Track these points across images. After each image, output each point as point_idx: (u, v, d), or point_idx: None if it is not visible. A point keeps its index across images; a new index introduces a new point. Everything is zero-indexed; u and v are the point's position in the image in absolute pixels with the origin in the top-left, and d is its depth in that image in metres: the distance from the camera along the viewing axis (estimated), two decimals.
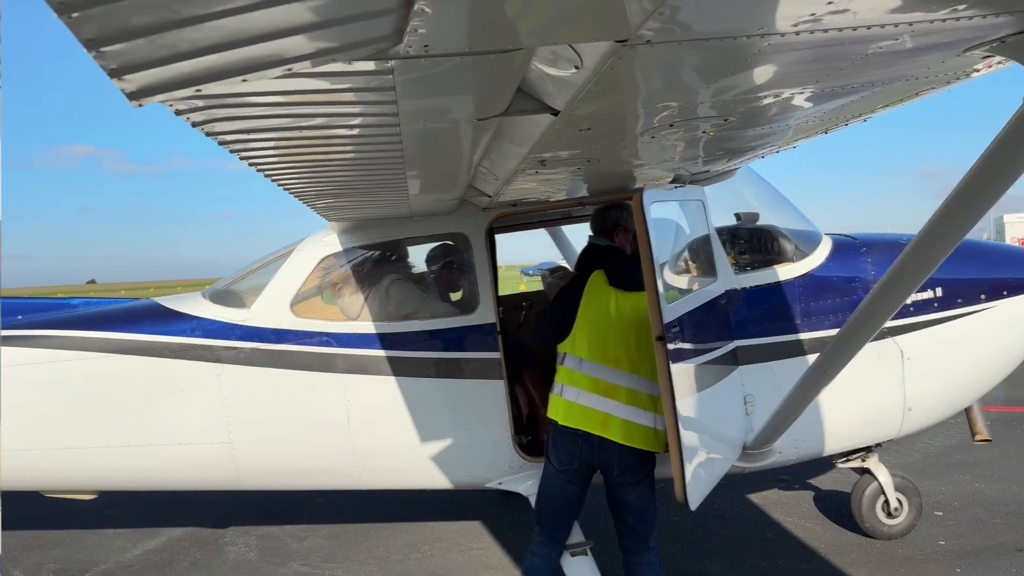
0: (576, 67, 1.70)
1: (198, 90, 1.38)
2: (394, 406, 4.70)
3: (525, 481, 4.76)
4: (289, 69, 1.39)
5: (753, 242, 5.17)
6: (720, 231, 5.04)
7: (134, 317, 5.00)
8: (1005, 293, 5.11)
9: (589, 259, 4.24)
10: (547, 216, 5.84)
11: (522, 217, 5.28)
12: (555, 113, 2.06)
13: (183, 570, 5.96)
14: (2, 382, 4.73)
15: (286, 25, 1.26)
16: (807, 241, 5.05)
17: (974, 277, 5.10)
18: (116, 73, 1.21)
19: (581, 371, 3.92)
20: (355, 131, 2.13)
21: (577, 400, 3.92)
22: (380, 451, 4.78)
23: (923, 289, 5.00)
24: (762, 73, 1.89)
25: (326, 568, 5.87)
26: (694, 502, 3.60)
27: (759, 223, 5.22)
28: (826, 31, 1.53)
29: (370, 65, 1.50)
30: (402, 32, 1.32)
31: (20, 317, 5.23)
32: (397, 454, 4.77)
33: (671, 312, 3.51)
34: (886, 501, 5.57)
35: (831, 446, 5.04)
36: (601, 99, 1.97)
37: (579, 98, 1.89)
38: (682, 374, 3.59)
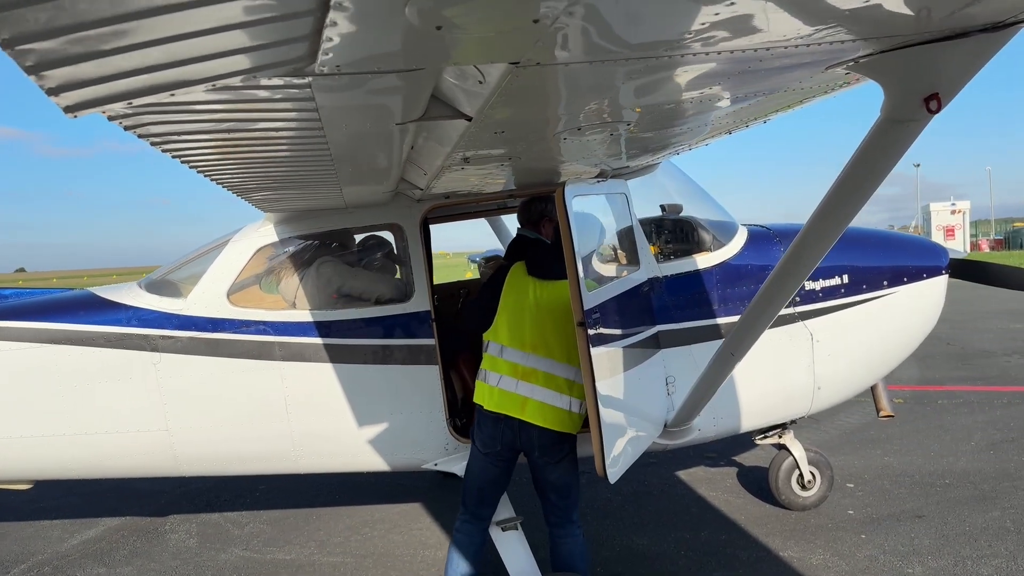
0: (480, 81, 1.89)
1: (130, 103, 1.53)
2: (331, 392, 4.84)
3: (460, 462, 4.95)
4: (213, 85, 1.54)
5: (674, 232, 5.45)
6: (644, 222, 5.32)
7: (69, 307, 5.01)
8: (905, 280, 5.51)
9: (517, 250, 4.45)
10: (483, 206, 6.02)
11: (457, 208, 5.45)
12: (468, 119, 2.24)
13: (123, 558, 5.99)
14: None
15: (209, 51, 1.41)
16: (724, 231, 5.36)
17: (877, 265, 5.48)
18: (52, 92, 1.35)
19: (503, 357, 4.13)
20: (281, 133, 2.27)
21: (499, 385, 4.13)
22: (318, 436, 4.92)
23: (831, 276, 5.38)
24: (644, 87, 2.11)
25: (267, 552, 5.98)
26: (613, 477, 3.84)
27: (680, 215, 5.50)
28: (695, 54, 1.76)
29: (289, 80, 1.66)
30: (315, 54, 1.48)
31: None
32: (335, 438, 4.91)
33: (591, 299, 3.73)
34: (800, 474, 5.96)
35: (747, 423, 5.38)
36: (509, 108, 2.16)
37: (488, 107, 2.09)
38: (602, 357, 3.83)
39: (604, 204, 4.46)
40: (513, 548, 4.45)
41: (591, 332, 3.67)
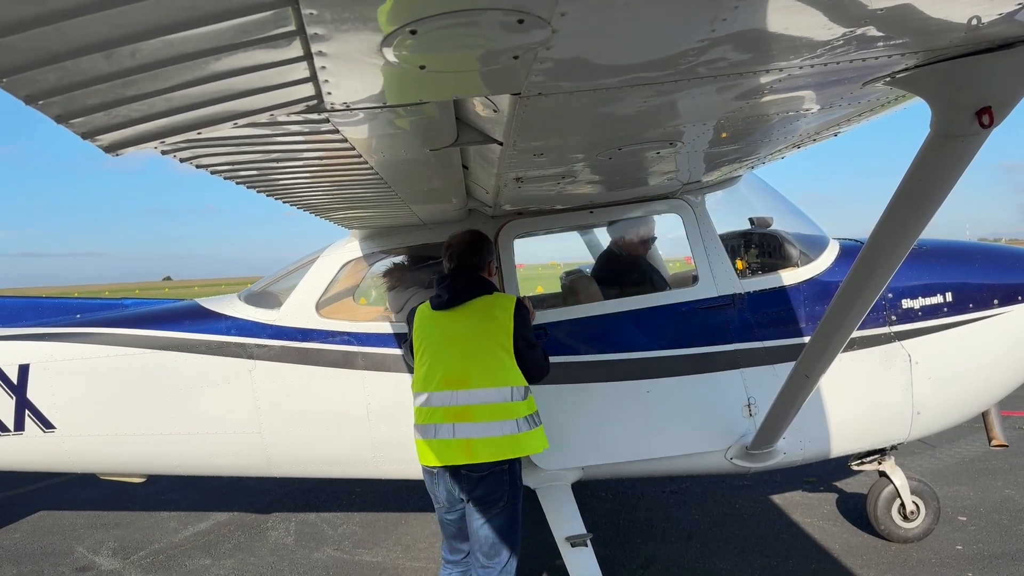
0: (494, 111, 1.94)
1: (162, 142, 1.69)
2: (410, 401, 5.00)
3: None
4: (235, 124, 1.68)
5: (760, 247, 5.28)
6: (728, 236, 5.19)
7: (177, 316, 5.45)
8: (1020, 298, 5.09)
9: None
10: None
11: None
12: (500, 143, 2.29)
13: (227, 551, 6.42)
14: (61, 374, 5.26)
15: (226, 93, 1.54)
16: (812, 246, 5.14)
17: (987, 282, 5.09)
18: (86, 136, 1.52)
19: (432, 405, 3.86)
20: (325, 162, 2.41)
21: (436, 436, 3.83)
22: (397, 443, 5.07)
23: (932, 294, 5.04)
24: (664, 109, 2.09)
25: (356, 553, 6.24)
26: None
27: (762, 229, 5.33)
28: (702, 78, 1.73)
29: (308, 116, 1.78)
30: (320, 94, 1.59)
31: (78, 316, 5.78)
32: (413, 446, 5.06)
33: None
34: (902, 504, 5.59)
35: (837, 448, 5.11)
36: (534, 134, 2.20)
37: (512, 133, 2.13)
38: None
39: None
40: (581, 564, 4.44)
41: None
